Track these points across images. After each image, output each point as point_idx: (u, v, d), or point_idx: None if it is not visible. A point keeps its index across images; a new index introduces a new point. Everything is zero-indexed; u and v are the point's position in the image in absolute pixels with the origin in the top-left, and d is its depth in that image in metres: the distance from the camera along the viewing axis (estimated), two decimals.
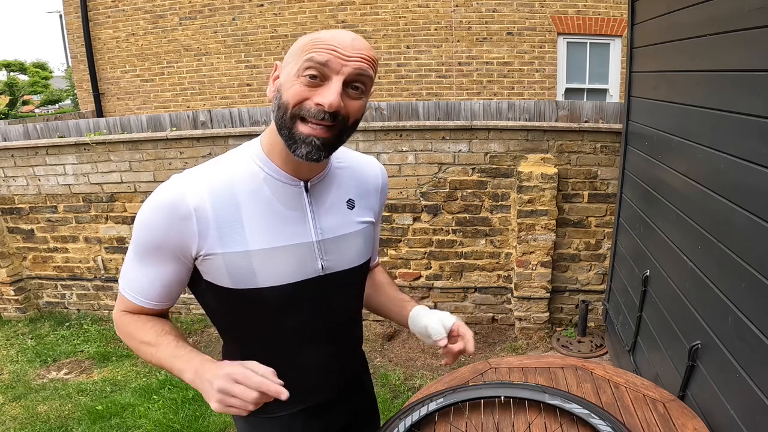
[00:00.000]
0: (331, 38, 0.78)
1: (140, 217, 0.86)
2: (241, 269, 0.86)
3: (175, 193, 0.84)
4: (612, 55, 5.77)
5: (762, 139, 1.30)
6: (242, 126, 3.42)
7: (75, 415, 2.59)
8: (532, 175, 2.97)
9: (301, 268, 0.90)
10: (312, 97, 0.77)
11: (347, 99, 0.79)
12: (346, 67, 0.77)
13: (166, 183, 0.86)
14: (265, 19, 6.09)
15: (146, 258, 0.88)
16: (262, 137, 0.90)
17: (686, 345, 1.73)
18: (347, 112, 0.80)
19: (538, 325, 3.24)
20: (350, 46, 0.78)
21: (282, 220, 0.88)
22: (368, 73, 0.80)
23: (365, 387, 1.21)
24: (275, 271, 0.88)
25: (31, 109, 15.05)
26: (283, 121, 0.80)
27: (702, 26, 1.70)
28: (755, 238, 1.33)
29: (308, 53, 0.77)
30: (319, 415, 1.05)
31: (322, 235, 0.92)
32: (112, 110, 6.82)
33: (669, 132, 2.04)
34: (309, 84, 0.77)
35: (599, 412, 1.16)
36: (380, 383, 2.80)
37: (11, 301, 3.73)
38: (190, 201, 0.83)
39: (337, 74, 0.77)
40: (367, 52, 0.80)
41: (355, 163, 1.02)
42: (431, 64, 5.92)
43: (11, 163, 3.49)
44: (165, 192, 0.84)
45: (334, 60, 0.77)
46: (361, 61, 0.78)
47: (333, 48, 0.77)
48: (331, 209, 0.94)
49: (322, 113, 0.77)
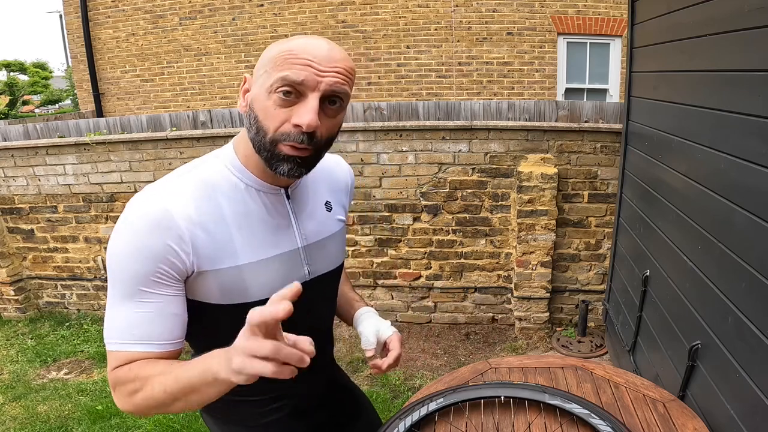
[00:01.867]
0: (305, 50, 0.73)
1: (120, 246, 0.75)
2: (233, 284, 0.82)
3: (157, 209, 0.76)
4: (612, 55, 5.77)
5: (762, 139, 1.30)
6: (242, 126, 3.41)
7: (75, 415, 2.59)
8: (532, 175, 2.97)
9: (289, 276, 0.88)
10: (289, 118, 0.74)
11: (324, 117, 0.76)
12: (322, 83, 0.73)
13: (141, 201, 0.77)
14: (265, 19, 6.09)
15: (138, 294, 0.76)
16: (236, 146, 0.86)
17: (686, 345, 1.73)
18: (322, 132, 0.77)
19: (538, 325, 3.24)
20: (327, 57, 0.74)
21: (269, 229, 0.86)
22: (344, 90, 0.76)
23: (340, 382, 1.21)
24: (266, 282, 0.85)
25: (31, 109, 15.05)
26: (263, 144, 0.77)
27: (702, 26, 1.70)
28: (755, 238, 1.33)
29: (282, 70, 0.73)
30: (302, 418, 1.04)
31: (306, 240, 0.91)
32: (112, 110, 6.82)
33: (669, 132, 2.04)
34: (283, 103, 0.74)
35: (599, 412, 1.16)
36: (380, 383, 2.80)
37: (11, 301, 3.73)
38: (177, 216, 0.76)
39: (313, 91, 0.74)
40: (344, 63, 0.76)
41: (325, 164, 1.00)
42: (431, 64, 5.92)
43: (11, 163, 3.49)
44: (145, 209, 0.76)
45: (310, 77, 0.73)
46: (337, 76, 0.74)
47: (308, 63, 0.73)
48: (312, 214, 0.93)
49: (301, 135, 0.74)
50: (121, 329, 0.77)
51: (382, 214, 3.28)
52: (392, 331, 1.04)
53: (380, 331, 1.03)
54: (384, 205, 3.26)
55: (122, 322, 0.77)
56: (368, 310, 1.10)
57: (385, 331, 1.03)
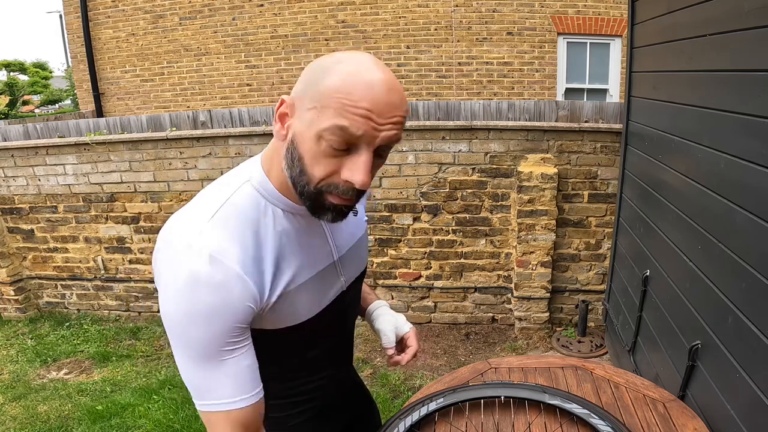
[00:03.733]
0: (364, 96, 0.64)
1: (185, 309, 0.69)
2: (285, 310, 0.80)
3: (212, 261, 0.68)
4: (612, 55, 5.77)
5: (762, 139, 1.30)
6: (242, 126, 3.42)
7: (75, 415, 2.59)
8: (532, 175, 2.97)
9: (329, 290, 0.88)
10: (338, 170, 0.68)
11: (373, 167, 0.70)
12: (378, 138, 0.66)
13: (189, 254, 0.69)
14: (265, 19, 6.09)
15: (220, 354, 0.71)
16: (266, 169, 0.78)
17: (686, 345, 1.73)
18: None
19: (538, 325, 3.24)
20: (386, 105, 0.65)
21: (308, 250, 0.83)
22: (399, 138, 0.69)
23: (361, 389, 1.22)
24: (311, 300, 0.84)
25: (31, 109, 15.04)
26: (306, 191, 0.71)
27: (702, 26, 1.70)
28: (755, 238, 1.33)
29: (337, 118, 0.64)
30: (326, 421, 1.05)
31: (339, 252, 0.90)
32: (112, 110, 6.82)
33: (669, 132, 2.04)
34: (334, 153, 0.67)
35: (599, 412, 1.16)
36: (380, 383, 2.79)
37: (11, 301, 3.72)
38: (231, 263, 0.70)
39: (368, 145, 0.67)
40: (403, 110, 0.68)
41: None
42: (431, 64, 5.93)
43: (11, 163, 3.49)
44: (198, 264, 0.68)
45: (369, 132, 0.65)
46: (394, 128, 0.67)
47: (367, 115, 0.64)
48: (344, 224, 0.91)
49: (350, 190, 0.69)
50: (217, 394, 0.72)
51: (382, 214, 3.28)
52: (409, 327, 1.06)
53: (398, 328, 1.05)
54: (384, 205, 3.26)
55: (214, 383, 0.72)
56: (382, 304, 1.11)
57: (402, 327, 1.05)
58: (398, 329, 1.05)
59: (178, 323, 0.70)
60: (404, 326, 1.06)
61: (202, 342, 0.70)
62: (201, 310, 0.68)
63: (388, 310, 1.09)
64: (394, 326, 1.05)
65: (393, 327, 1.05)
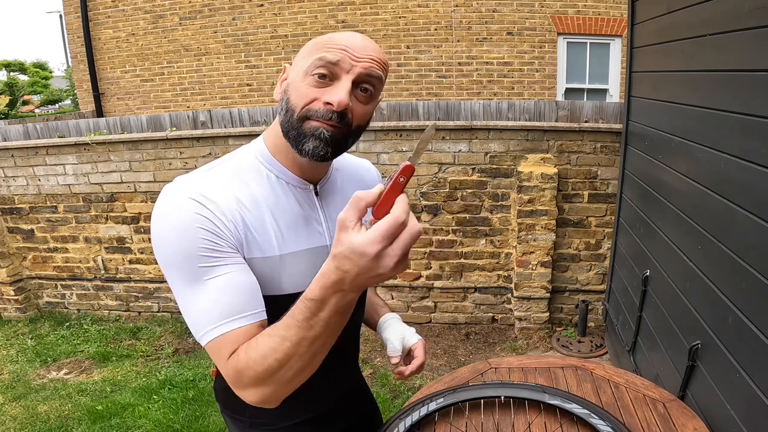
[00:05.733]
0: (342, 38, 0.78)
1: (162, 232, 0.74)
2: (270, 275, 0.82)
3: (193, 191, 0.76)
4: (612, 55, 5.77)
5: (762, 139, 1.30)
6: (242, 126, 3.42)
7: (75, 415, 2.59)
8: (532, 175, 2.97)
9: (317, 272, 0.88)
10: (320, 97, 0.76)
11: (355, 101, 0.78)
12: (356, 67, 0.76)
13: (174, 188, 0.77)
14: (265, 19, 6.09)
15: (202, 272, 0.73)
16: (266, 137, 0.87)
17: (686, 345, 1.73)
18: (353, 114, 0.78)
19: (538, 325, 3.24)
20: (362, 46, 0.77)
21: (300, 221, 0.86)
22: (378, 75, 0.78)
23: (363, 390, 1.21)
24: (297, 275, 0.84)
25: (31, 109, 15.05)
26: (290, 124, 0.78)
27: (702, 26, 1.70)
28: (755, 238, 1.33)
29: (319, 53, 0.76)
30: (322, 424, 1.04)
31: (333, 238, 0.90)
32: (112, 110, 6.82)
33: (669, 132, 2.04)
34: (317, 84, 0.76)
35: (599, 412, 1.16)
36: (380, 383, 2.80)
37: (11, 301, 3.73)
38: (221, 203, 0.76)
39: (347, 73, 0.76)
40: (378, 54, 0.79)
41: (353, 168, 1.01)
42: (431, 64, 5.93)
43: (11, 163, 3.49)
44: (179, 193, 0.76)
45: (345, 59, 0.75)
46: (371, 62, 0.77)
47: (344, 48, 0.76)
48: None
49: (330, 113, 0.75)
50: (209, 312, 0.73)
51: None
52: (417, 339, 1.06)
53: (405, 338, 1.05)
54: None
55: (206, 305, 0.73)
56: (393, 317, 1.11)
57: (410, 338, 1.05)
58: (406, 340, 1.04)
59: (158, 248, 0.75)
60: (412, 337, 1.05)
61: (177, 258, 0.73)
62: (169, 228, 0.73)
63: (398, 321, 1.09)
64: (402, 336, 1.04)
65: (400, 336, 1.04)
